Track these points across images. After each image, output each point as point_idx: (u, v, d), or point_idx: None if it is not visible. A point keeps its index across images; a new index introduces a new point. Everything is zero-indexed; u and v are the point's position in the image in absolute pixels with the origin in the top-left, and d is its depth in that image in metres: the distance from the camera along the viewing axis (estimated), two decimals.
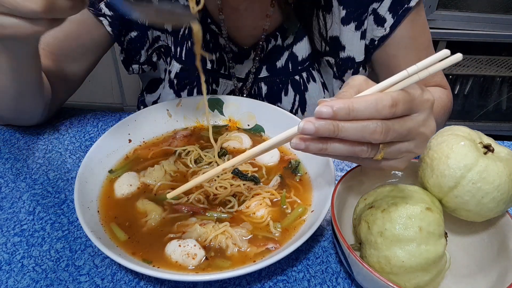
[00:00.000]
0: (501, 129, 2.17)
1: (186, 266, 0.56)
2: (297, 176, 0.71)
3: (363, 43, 0.83)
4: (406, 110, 0.47)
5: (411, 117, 0.48)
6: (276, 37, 0.84)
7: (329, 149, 0.47)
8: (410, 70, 0.46)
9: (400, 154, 0.51)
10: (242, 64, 0.87)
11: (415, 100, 0.47)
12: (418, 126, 0.49)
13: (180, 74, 0.88)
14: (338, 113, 0.44)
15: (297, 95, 0.87)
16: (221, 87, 0.90)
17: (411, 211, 0.52)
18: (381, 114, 0.45)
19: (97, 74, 2.12)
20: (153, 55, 0.89)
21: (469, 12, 1.81)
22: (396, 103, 0.45)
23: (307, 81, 0.87)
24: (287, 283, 0.59)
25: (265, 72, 0.87)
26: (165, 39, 0.87)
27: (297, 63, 0.85)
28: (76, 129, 0.87)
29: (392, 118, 0.46)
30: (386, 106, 0.45)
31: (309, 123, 0.45)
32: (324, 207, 0.60)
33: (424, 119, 0.49)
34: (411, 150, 0.51)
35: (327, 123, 0.44)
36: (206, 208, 0.65)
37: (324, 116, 0.44)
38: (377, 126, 0.45)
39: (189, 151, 0.75)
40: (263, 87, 0.88)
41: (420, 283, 0.52)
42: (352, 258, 0.53)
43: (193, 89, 0.89)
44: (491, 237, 0.59)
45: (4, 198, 0.71)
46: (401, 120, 0.47)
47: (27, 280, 0.59)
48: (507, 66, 2.00)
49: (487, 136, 0.58)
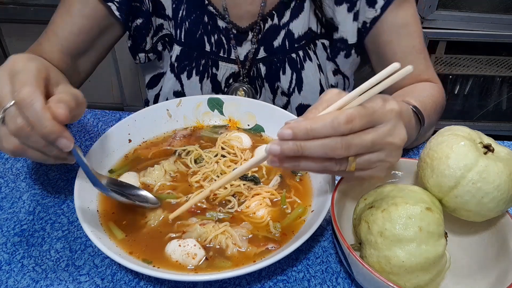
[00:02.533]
0: (501, 129, 2.17)
1: (186, 266, 0.56)
2: (297, 176, 0.71)
3: (356, 25, 0.85)
4: (366, 124, 0.50)
5: (374, 129, 0.51)
6: (272, 16, 0.86)
7: (301, 165, 0.52)
8: (363, 86, 0.49)
9: (373, 164, 0.53)
10: (241, 47, 0.89)
11: (376, 112, 0.50)
12: (383, 136, 0.51)
13: (179, 57, 0.90)
14: (297, 134, 0.49)
15: (294, 73, 0.89)
16: (221, 71, 0.91)
17: (411, 211, 0.52)
18: (338, 131, 0.48)
19: (97, 74, 2.11)
20: (158, 44, 0.92)
21: (469, 12, 1.81)
22: (351, 119, 0.48)
23: (304, 60, 0.89)
24: (287, 283, 0.59)
25: (263, 53, 0.89)
26: (168, 27, 0.90)
27: (293, 41, 0.87)
28: (76, 129, 0.87)
29: (352, 133, 0.49)
30: (341, 123, 0.48)
31: (275, 146, 0.50)
32: (324, 207, 0.60)
33: (389, 129, 0.51)
34: (383, 159, 0.53)
35: (291, 144, 0.49)
36: (206, 208, 0.65)
37: (286, 138, 0.49)
38: (336, 142, 0.49)
39: (189, 151, 0.75)
40: (262, 67, 0.90)
41: (420, 283, 0.52)
42: (352, 258, 0.53)
43: (192, 70, 0.90)
44: (491, 237, 0.59)
45: (4, 198, 0.71)
46: (362, 134, 0.50)
47: (27, 280, 0.59)
48: (507, 66, 2.00)
49: (487, 136, 0.58)
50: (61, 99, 0.52)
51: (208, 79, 0.91)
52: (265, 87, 0.92)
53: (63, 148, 0.53)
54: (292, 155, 0.50)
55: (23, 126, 0.51)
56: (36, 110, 0.50)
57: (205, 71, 0.90)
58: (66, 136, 0.52)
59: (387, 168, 0.55)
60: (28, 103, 0.50)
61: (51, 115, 0.50)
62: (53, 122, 0.50)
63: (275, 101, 0.94)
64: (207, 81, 0.91)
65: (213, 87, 0.93)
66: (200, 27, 0.87)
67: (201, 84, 0.91)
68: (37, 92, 0.51)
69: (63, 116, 0.51)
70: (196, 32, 0.87)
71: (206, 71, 0.90)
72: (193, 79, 0.91)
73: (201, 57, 0.89)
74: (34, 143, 0.53)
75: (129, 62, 2.12)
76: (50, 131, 0.50)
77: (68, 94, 0.55)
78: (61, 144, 0.52)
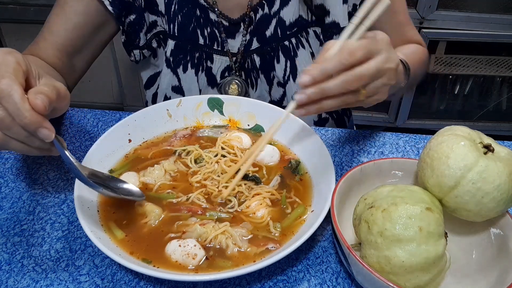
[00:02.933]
0: (501, 129, 2.17)
1: (186, 266, 0.56)
2: (297, 176, 0.71)
3: (346, 8, 0.87)
4: (366, 53, 0.57)
5: (374, 59, 0.58)
6: (263, 6, 0.87)
7: (324, 106, 0.59)
8: (354, 21, 0.60)
9: (378, 89, 0.61)
10: (234, 39, 0.89)
11: (371, 43, 0.58)
12: (383, 63, 0.58)
13: (174, 51, 0.91)
14: (315, 77, 0.56)
15: (288, 61, 0.90)
16: (216, 64, 0.91)
17: (411, 211, 0.52)
18: (346, 65, 0.56)
19: (97, 74, 2.12)
20: (153, 41, 0.93)
21: (469, 12, 1.81)
22: (353, 52, 0.56)
23: (297, 47, 0.90)
24: (287, 283, 0.59)
25: (256, 44, 0.90)
26: (162, 23, 0.91)
27: (285, 28, 0.88)
28: (76, 129, 0.87)
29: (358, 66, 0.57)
30: (346, 57, 0.56)
31: (300, 95, 0.57)
32: (324, 207, 0.60)
33: (386, 56, 0.59)
34: (386, 83, 0.61)
35: (314, 89, 0.56)
36: (206, 208, 0.65)
37: (307, 84, 0.56)
38: (351, 76, 0.56)
39: (189, 151, 0.75)
40: (256, 58, 0.90)
41: (420, 283, 0.52)
42: (352, 258, 0.53)
43: (187, 63, 0.91)
44: (491, 237, 0.59)
45: (4, 198, 0.71)
46: (366, 65, 0.57)
47: (27, 280, 0.59)
48: (507, 66, 2.00)
49: (487, 136, 0.58)
50: (40, 90, 0.53)
51: (203, 72, 0.92)
52: (260, 79, 0.93)
53: (44, 138, 0.54)
54: (317, 98, 0.57)
55: (3, 117, 0.51)
56: (14, 100, 0.50)
57: (199, 64, 0.91)
58: (47, 127, 0.53)
59: (388, 90, 0.63)
60: (7, 94, 0.50)
61: (30, 106, 0.51)
62: (33, 113, 0.51)
63: (271, 93, 0.94)
64: (202, 74, 0.92)
65: (208, 80, 0.93)
66: (193, 20, 0.88)
67: (196, 77, 0.92)
68: (15, 83, 0.51)
69: (41, 106, 0.52)
70: (188, 26, 0.88)
71: (200, 64, 0.91)
72: (189, 72, 0.92)
73: (195, 50, 0.90)
74: (16, 135, 0.53)
75: (129, 62, 2.11)
76: (29, 121, 0.51)
77: (49, 86, 0.55)
78: (41, 135, 0.53)
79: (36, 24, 1.83)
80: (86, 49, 0.89)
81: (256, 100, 0.82)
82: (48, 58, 0.83)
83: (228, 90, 0.92)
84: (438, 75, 2.04)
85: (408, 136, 0.86)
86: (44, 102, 0.52)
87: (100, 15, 0.85)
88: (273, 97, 0.94)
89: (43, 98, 0.52)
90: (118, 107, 2.33)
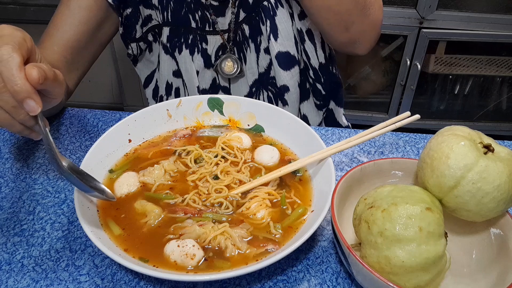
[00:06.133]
0: (501, 129, 2.17)
1: (184, 266, 0.56)
2: (297, 176, 0.71)
3: None
4: None
5: None
6: None
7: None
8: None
9: None
10: (224, 16, 0.92)
11: None
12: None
13: (170, 37, 0.94)
14: None
15: (268, 21, 0.91)
16: (210, 44, 0.94)
17: (411, 211, 0.52)
18: None
19: (97, 74, 2.12)
20: (149, 35, 0.97)
21: (469, 12, 1.81)
22: None
23: (276, 7, 0.91)
24: (287, 283, 0.59)
25: (243, 14, 0.92)
26: (156, 17, 0.94)
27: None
28: (76, 129, 0.87)
29: None
30: None
31: None
32: (324, 207, 0.60)
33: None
34: None
35: None
36: (201, 210, 0.64)
37: None
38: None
39: (189, 151, 0.75)
40: (245, 27, 0.93)
41: (420, 283, 0.52)
42: (352, 258, 0.53)
43: (181, 45, 0.94)
44: (491, 237, 0.59)
45: (4, 198, 0.71)
46: None
47: (27, 280, 0.59)
48: (507, 66, 2.00)
49: (487, 136, 0.58)
50: (39, 65, 0.54)
51: (199, 53, 0.95)
52: (250, 48, 0.94)
53: (29, 111, 0.54)
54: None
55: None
56: (11, 66, 0.51)
57: (194, 45, 0.94)
58: (35, 99, 0.53)
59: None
60: (5, 59, 0.51)
61: (25, 75, 0.52)
62: (25, 81, 0.52)
63: (258, 62, 0.95)
64: (198, 55, 0.95)
65: (204, 61, 0.96)
66: (184, 5, 0.91)
67: (191, 56, 0.95)
68: (16, 52, 0.52)
69: (35, 77, 0.52)
70: (180, 11, 0.91)
71: (195, 45, 0.94)
72: (184, 53, 0.94)
73: (188, 33, 0.93)
74: (3, 102, 0.54)
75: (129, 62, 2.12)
76: (20, 89, 0.52)
77: (48, 66, 0.56)
78: (28, 106, 0.53)
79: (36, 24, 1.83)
80: (89, 46, 0.91)
81: (256, 100, 0.82)
82: (53, 55, 0.84)
83: (224, 67, 0.94)
84: (438, 75, 2.04)
85: (408, 136, 0.86)
86: (39, 74, 0.53)
87: (102, 9, 0.89)
88: (261, 66, 0.95)
89: (39, 71, 0.53)
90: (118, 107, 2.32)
